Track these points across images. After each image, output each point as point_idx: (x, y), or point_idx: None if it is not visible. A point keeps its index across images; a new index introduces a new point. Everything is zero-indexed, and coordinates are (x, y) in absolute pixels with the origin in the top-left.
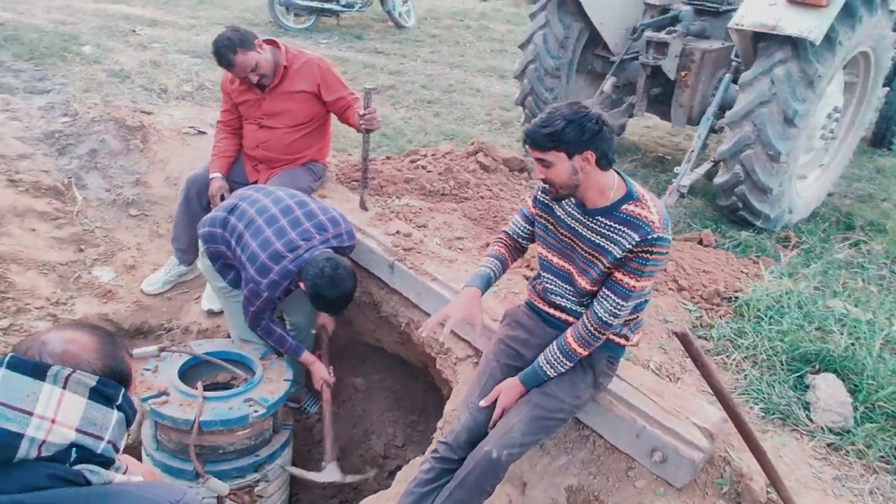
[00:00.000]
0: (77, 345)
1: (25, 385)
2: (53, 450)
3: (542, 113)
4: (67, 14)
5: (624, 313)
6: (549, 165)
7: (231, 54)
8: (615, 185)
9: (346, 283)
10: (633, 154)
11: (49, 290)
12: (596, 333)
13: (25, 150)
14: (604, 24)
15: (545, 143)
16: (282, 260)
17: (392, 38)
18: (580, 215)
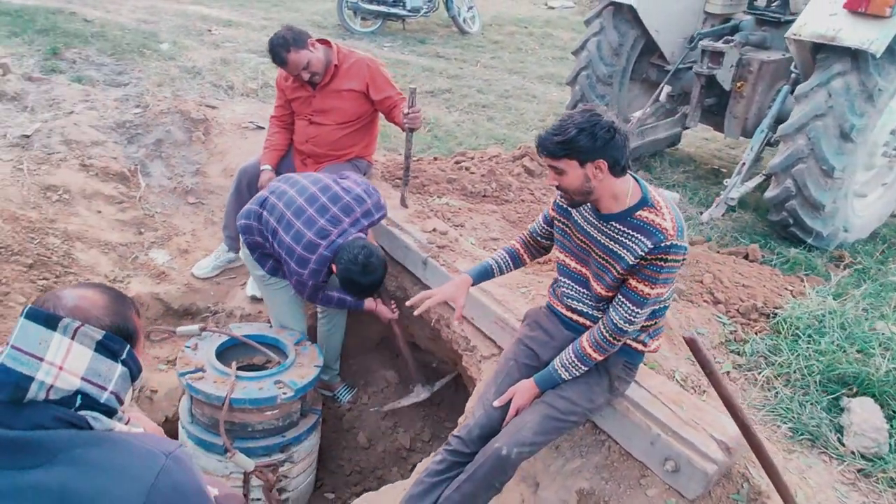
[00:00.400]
0: (88, 301)
1: (38, 333)
2: (60, 394)
3: (559, 120)
4: (150, 13)
5: (639, 320)
6: (562, 173)
7: (284, 52)
8: (630, 191)
9: (377, 271)
10: (686, 165)
11: (108, 268)
12: (611, 339)
13: (99, 137)
14: (660, 33)
15: (557, 151)
16: (317, 248)
17: (455, 44)
18: (595, 220)
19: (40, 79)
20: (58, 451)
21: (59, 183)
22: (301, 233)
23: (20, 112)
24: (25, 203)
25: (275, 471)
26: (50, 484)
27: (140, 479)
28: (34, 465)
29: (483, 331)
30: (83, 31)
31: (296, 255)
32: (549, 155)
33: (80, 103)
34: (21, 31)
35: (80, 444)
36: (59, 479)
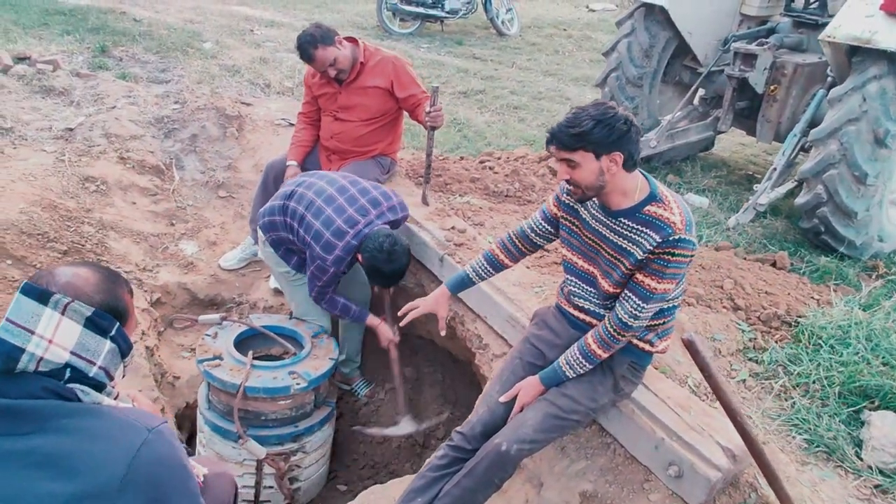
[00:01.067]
0: (80, 279)
1: (31, 307)
2: (50, 366)
3: (572, 113)
4: (196, 14)
5: (644, 315)
6: (576, 166)
7: (312, 49)
8: (639, 187)
9: (401, 259)
10: (718, 170)
11: (139, 257)
12: (615, 335)
13: (137, 131)
14: (693, 35)
15: (572, 143)
16: (344, 236)
17: (492, 45)
18: (604, 217)
19: (88, 75)
20: (46, 420)
21: (98, 174)
22: (331, 218)
23: (66, 106)
24: (65, 193)
25: (286, 460)
26: (39, 449)
27: (123, 449)
28: (25, 432)
29: (495, 329)
30: (131, 29)
31: (323, 240)
32: (564, 147)
33: (123, 99)
34: (73, 30)
35: (67, 414)
36: (48, 445)
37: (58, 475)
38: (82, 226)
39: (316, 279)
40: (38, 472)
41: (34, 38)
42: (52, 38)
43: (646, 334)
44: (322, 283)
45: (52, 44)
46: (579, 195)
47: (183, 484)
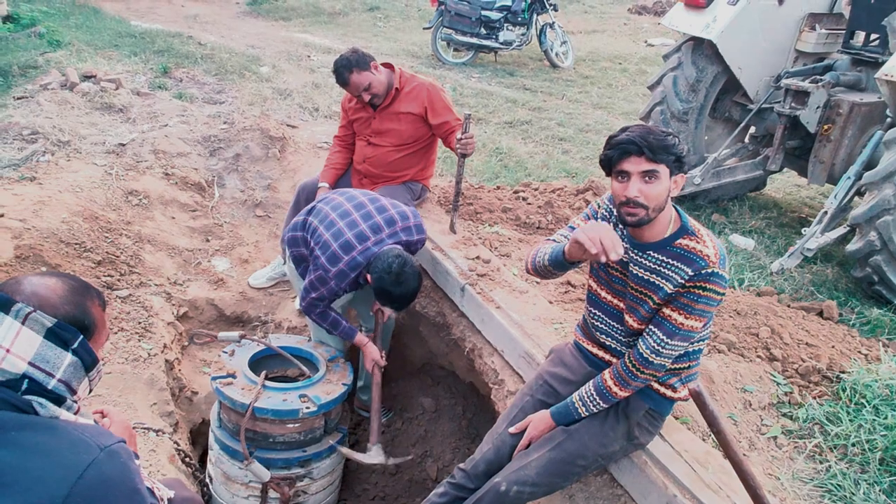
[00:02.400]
0: (47, 289)
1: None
2: (6, 376)
3: (635, 127)
4: (259, 39)
5: (667, 353)
6: (655, 179)
7: (347, 73)
8: (672, 219)
9: (410, 282)
10: (768, 211)
11: (172, 271)
12: (634, 371)
13: (185, 149)
14: (743, 70)
15: (660, 153)
16: (351, 250)
17: (544, 77)
18: (632, 250)
19: (147, 94)
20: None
21: (141, 188)
22: (341, 231)
23: (123, 123)
24: (108, 204)
25: (291, 485)
26: None
27: (69, 468)
28: None
29: (511, 364)
30: (195, 53)
31: (329, 251)
32: (653, 156)
33: (176, 117)
34: (140, 51)
35: (17, 426)
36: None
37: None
38: (120, 237)
39: (312, 289)
40: None
41: (103, 59)
42: (120, 59)
43: (668, 378)
44: (317, 296)
45: (119, 64)
46: (641, 216)
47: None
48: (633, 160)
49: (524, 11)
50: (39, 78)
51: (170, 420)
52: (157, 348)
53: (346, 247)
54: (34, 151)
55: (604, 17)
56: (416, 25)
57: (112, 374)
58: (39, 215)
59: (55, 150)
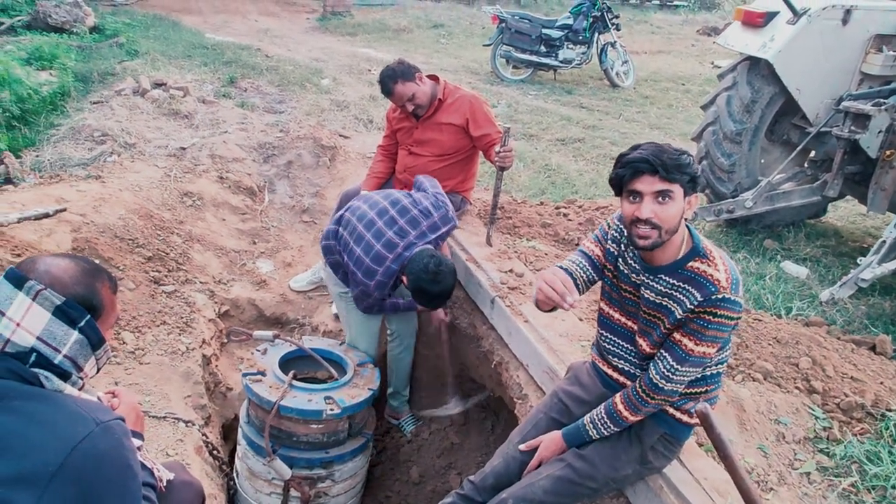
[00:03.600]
0: (59, 269)
1: (7, 291)
2: (16, 349)
3: (647, 145)
4: (324, 53)
5: (678, 379)
6: (668, 200)
7: (391, 83)
8: (684, 240)
9: (447, 280)
10: (826, 239)
11: (217, 270)
12: (645, 397)
13: (240, 154)
14: (802, 92)
15: (674, 173)
16: (384, 261)
17: (602, 96)
18: (643, 272)
19: (212, 102)
20: (0, 399)
21: (196, 190)
22: (370, 244)
23: (186, 128)
24: (163, 204)
25: (312, 485)
26: None
27: (65, 439)
28: None
29: (535, 379)
30: (261, 64)
31: (364, 266)
32: (666, 175)
33: (236, 125)
34: (210, 62)
35: (21, 396)
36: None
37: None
38: (171, 236)
39: (360, 301)
40: None
41: (175, 68)
42: (191, 68)
43: (684, 403)
44: (368, 304)
45: (189, 73)
46: (653, 239)
47: (121, 483)
48: (646, 179)
49: (586, 30)
50: (115, 84)
51: (202, 413)
52: (195, 343)
53: (378, 258)
54: (102, 152)
55: (671, 37)
56: (478, 42)
57: (150, 365)
58: (99, 211)
59: (121, 151)
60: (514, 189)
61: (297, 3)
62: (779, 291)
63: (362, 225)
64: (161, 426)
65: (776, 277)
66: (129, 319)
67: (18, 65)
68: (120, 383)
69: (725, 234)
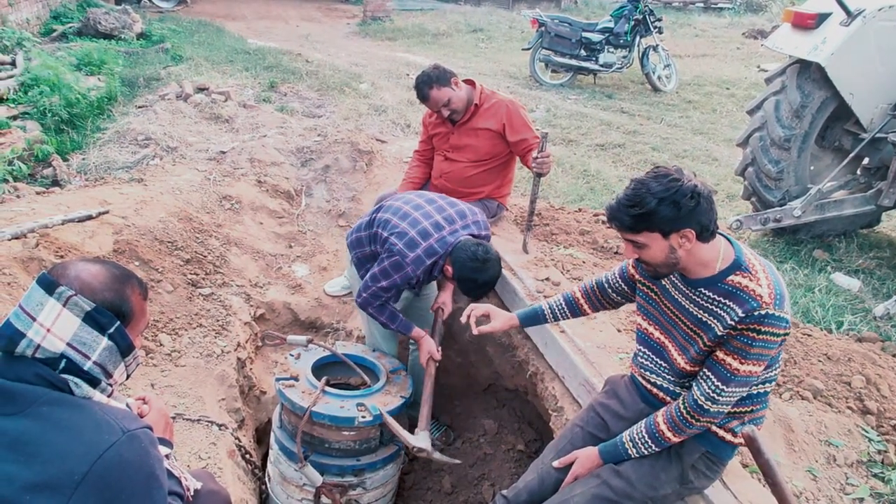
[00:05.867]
0: (89, 274)
1: (39, 296)
2: (46, 354)
3: (627, 188)
4: (363, 58)
5: (724, 400)
6: (642, 247)
7: (427, 88)
8: (721, 255)
9: (495, 268)
10: (880, 250)
11: (254, 273)
12: (689, 419)
13: (279, 158)
14: (855, 96)
15: (635, 224)
16: (429, 237)
17: (643, 100)
18: (683, 286)
19: (252, 106)
20: (29, 405)
21: (235, 194)
22: (417, 220)
23: (227, 132)
24: (202, 207)
25: (343, 492)
26: (11, 431)
27: (91, 446)
28: (7, 413)
29: (571, 392)
30: (301, 69)
31: (408, 237)
32: (626, 229)
33: (276, 129)
34: (252, 67)
35: (49, 402)
36: (20, 428)
37: (19, 459)
38: (209, 239)
39: (383, 277)
40: (3, 453)
41: (218, 73)
42: (233, 73)
43: (728, 421)
44: (386, 284)
45: (231, 78)
46: (652, 273)
47: (145, 492)
48: (618, 230)
49: (627, 34)
50: (160, 89)
51: (236, 416)
52: (230, 346)
53: (424, 234)
54: (145, 155)
55: (716, 41)
56: (517, 47)
57: (186, 367)
58: (140, 213)
59: (164, 154)
60: (552, 195)
61: (338, 9)
62: (829, 305)
63: (410, 206)
64: (195, 429)
65: (826, 290)
66: (167, 322)
67: (68, 70)
68: (156, 385)
69: (772, 244)
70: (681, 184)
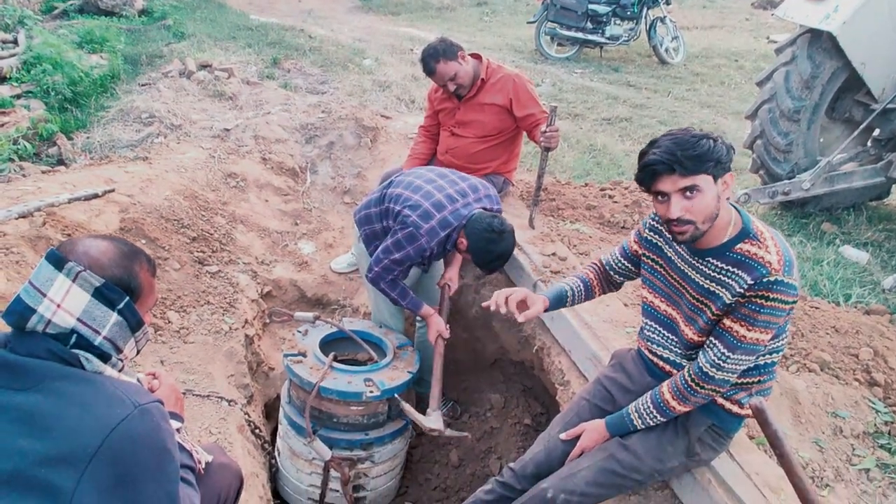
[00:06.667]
0: (98, 250)
1: (48, 272)
2: (56, 330)
3: (664, 140)
4: (366, 33)
5: (730, 367)
6: (697, 193)
7: (433, 62)
8: (732, 221)
9: (509, 240)
10: (889, 223)
11: (260, 251)
12: (694, 386)
13: (283, 135)
14: (867, 66)
15: (696, 166)
16: (443, 209)
17: (650, 74)
18: (690, 256)
19: (255, 83)
20: (41, 380)
21: (240, 171)
22: (430, 193)
23: (230, 110)
24: (207, 185)
25: (352, 466)
26: (24, 405)
27: (102, 420)
28: (20, 388)
29: (578, 366)
30: (304, 45)
31: (422, 208)
32: (687, 171)
33: (279, 106)
34: (254, 43)
35: (61, 377)
36: (32, 402)
37: (32, 433)
38: (215, 216)
39: (396, 249)
40: (17, 427)
41: (220, 49)
42: (235, 50)
43: (735, 393)
44: (399, 256)
45: (234, 55)
46: (691, 233)
47: (157, 466)
48: (668, 179)
49: (634, 5)
50: (162, 66)
51: (245, 392)
52: (238, 323)
53: (438, 206)
54: (149, 133)
55: (724, 11)
56: (522, 20)
57: (195, 344)
58: (146, 192)
59: (168, 132)
60: (558, 170)
61: None
62: (837, 278)
63: (422, 180)
64: (204, 405)
65: (834, 263)
66: (175, 299)
67: (70, 48)
68: (165, 361)
69: (780, 217)
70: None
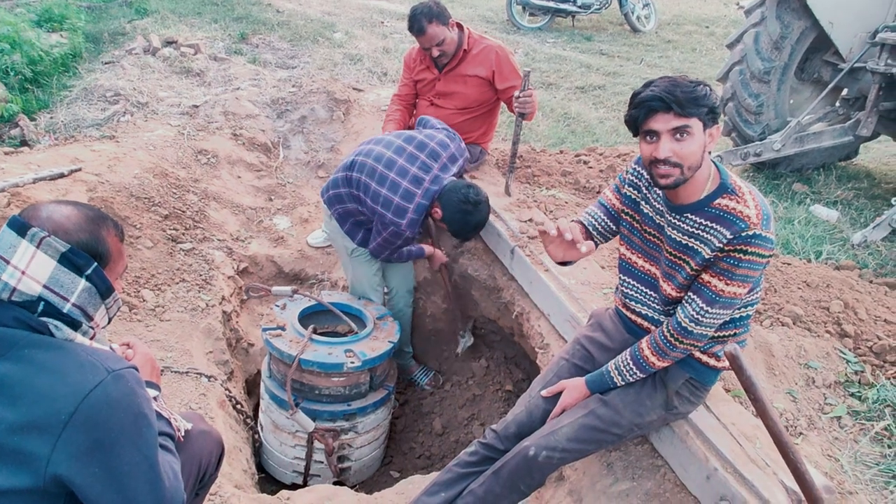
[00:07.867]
0: (62, 215)
1: (11, 239)
2: (23, 297)
3: (661, 80)
4: (335, 6)
5: (708, 322)
6: (687, 136)
7: (426, 21)
8: (711, 176)
9: (485, 209)
10: (858, 181)
11: (234, 227)
12: (672, 341)
13: (253, 111)
14: (835, 25)
15: (691, 107)
16: (413, 197)
17: (622, 42)
18: (668, 213)
19: (223, 59)
20: (9, 348)
21: (210, 148)
22: (396, 183)
23: (198, 86)
24: (178, 163)
25: (335, 437)
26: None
27: (76, 387)
28: None
29: (557, 329)
30: (272, 20)
31: (394, 205)
32: (682, 111)
33: (249, 81)
34: (220, 18)
35: (30, 345)
36: (2, 371)
37: (4, 401)
38: (187, 194)
39: (388, 244)
40: None
41: (186, 25)
42: (201, 26)
43: (711, 346)
44: (395, 247)
45: (200, 30)
46: (675, 177)
47: (134, 430)
48: (661, 117)
49: None
50: (126, 44)
51: (225, 368)
52: (215, 300)
53: (408, 195)
54: (115, 112)
55: None
56: None
57: (171, 322)
58: (114, 170)
59: (134, 110)
60: (533, 139)
61: None
62: (808, 236)
63: (382, 165)
64: (184, 381)
65: (805, 221)
66: (149, 277)
67: (28, 27)
68: (142, 339)
69: (752, 179)
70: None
